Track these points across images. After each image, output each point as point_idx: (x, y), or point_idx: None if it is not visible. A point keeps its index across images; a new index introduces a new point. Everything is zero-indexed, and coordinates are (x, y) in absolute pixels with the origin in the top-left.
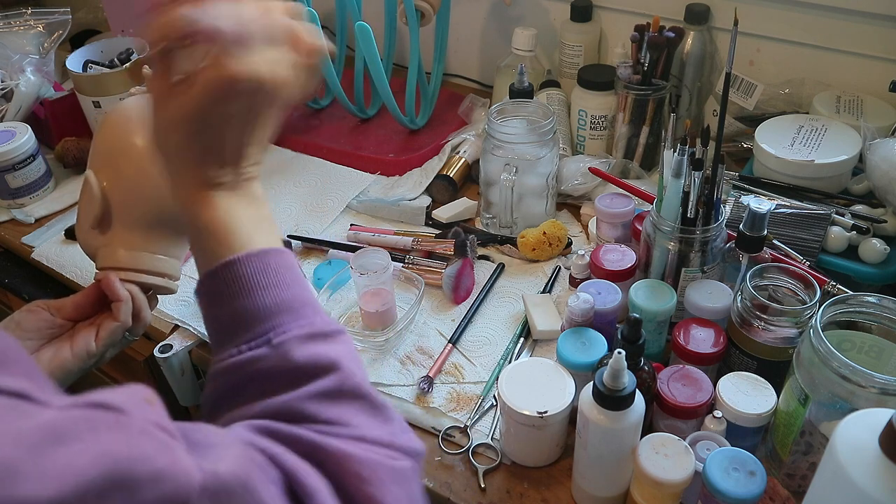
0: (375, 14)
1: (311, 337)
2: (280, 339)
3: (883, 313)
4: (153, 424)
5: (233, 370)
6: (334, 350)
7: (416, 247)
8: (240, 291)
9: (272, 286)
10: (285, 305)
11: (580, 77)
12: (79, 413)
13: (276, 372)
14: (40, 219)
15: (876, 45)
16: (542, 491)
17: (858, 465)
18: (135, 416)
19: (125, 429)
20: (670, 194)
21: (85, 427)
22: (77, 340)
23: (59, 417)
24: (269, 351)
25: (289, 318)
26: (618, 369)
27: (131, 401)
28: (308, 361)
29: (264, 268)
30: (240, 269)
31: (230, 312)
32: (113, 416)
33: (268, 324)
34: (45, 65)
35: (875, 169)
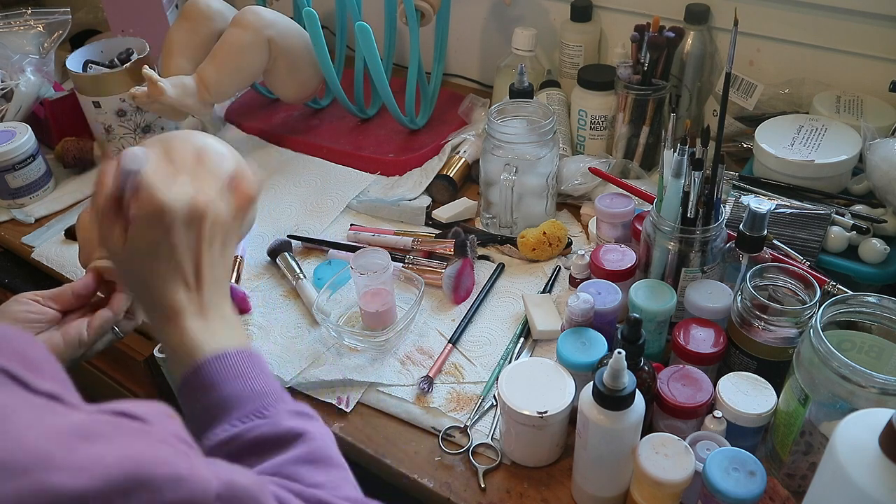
0: (375, 14)
1: (298, 413)
2: (271, 412)
3: (883, 313)
4: (173, 436)
5: (228, 441)
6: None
7: (416, 247)
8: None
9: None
10: (269, 391)
11: (580, 77)
12: (106, 418)
13: (268, 438)
14: (40, 219)
15: (876, 45)
16: (542, 491)
17: (858, 465)
18: (156, 426)
19: (147, 436)
20: (670, 194)
21: (111, 430)
22: (69, 328)
23: (89, 419)
24: (263, 421)
25: (274, 400)
26: (618, 369)
27: (154, 413)
28: (297, 428)
29: (244, 361)
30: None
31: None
32: (137, 424)
33: (258, 402)
34: (45, 65)
35: (875, 169)
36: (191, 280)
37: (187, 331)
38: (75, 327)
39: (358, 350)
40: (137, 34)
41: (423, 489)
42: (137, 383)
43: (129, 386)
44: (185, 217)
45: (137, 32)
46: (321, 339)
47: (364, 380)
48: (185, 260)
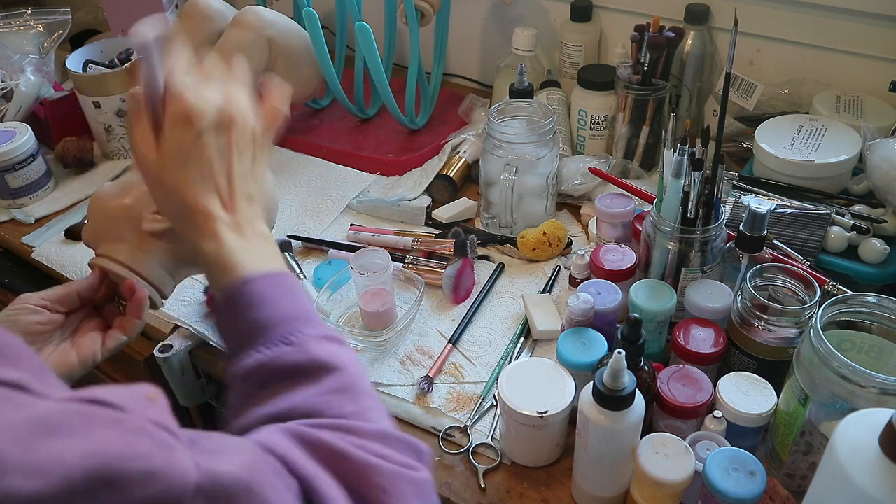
0: (375, 14)
1: (327, 338)
2: (299, 338)
3: (883, 313)
4: (151, 422)
5: (256, 368)
6: (346, 353)
7: (416, 247)
8: (257, 303)
9: (286, 299)
10: (298, 315)
11: (580, 77)
12: (75, 407)
13: (297, 366)
14: (40, 219)
15: (876, 45)
16: (542, 491)
17: (858, 465)
18: (133, 413)
19: (121, 425)
20: (670, 194)
21: (79, 421)
22: (83, 348)
23: (54, 410)
24: (290, 349)
25: (303, 325)
26: (618, 369)
27: (131, 398)
28: (324, 357)
29: (278, 284)
30: (255, 286)
31: (248, 322)
32: (110, 413)
33: (285, 328)
34: (45, 65)
35: (875, 169)
36: (223, 188)
37: (222, 241)
38: (89, 347)
39: (358, 350)
40: None
41: None
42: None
43: None
44: (215, 121)
45: None
46: None
47: None
48: (217, 166)
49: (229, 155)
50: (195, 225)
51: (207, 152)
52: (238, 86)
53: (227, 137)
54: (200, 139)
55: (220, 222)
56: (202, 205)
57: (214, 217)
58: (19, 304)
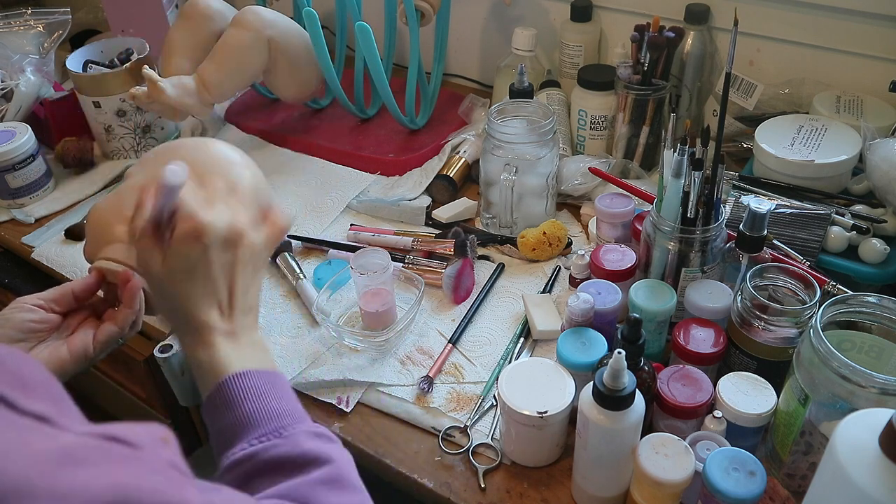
0: (375, 14)
1: (317, 435)
2: (290, 432)
3: (883, 313)
4: (166, 463)
5: (245, 460)
6: (335, 449)
7: (416, 247)
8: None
9: (277, 397)
10: (290, 412)
11: (580, 77)
12: (95, 442)
13: (288, 458)
14: (40, 219)
15: (876, 45)
16: (542, 491)
17: (858, 465)
18: (148, 452)
19: (138, 462)
20: (670, 194)
21: (99, 455)
22: (74, 343)
23: (78, 443)
24: (280, 441)
25: (295, 421)
26: (618, 369)
27: (147, 438)
28: (315, 450)
29: (269, 382)
30: (247, 380)
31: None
32: (128, 450)
33: (278, 422)
34: (45, 65)
35: (875, 169)
36: (224, 301)
37: (216, 349)
38: (81, 340)
39: (358, 350)
40: (137, 34)
41: (423, 489)
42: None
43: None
44: (224, 238)
45: (137, 32)
46: (321, 339)
47: (364, 380)
48: (220, 281)
49: (233, 270)
50: (192, 333)
51: (213, 269)
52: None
53: (234, 253)
54: (207, 255)
55: (217, 333)
56: (203, 317)
57: (212, 328)
58: (14, 304)
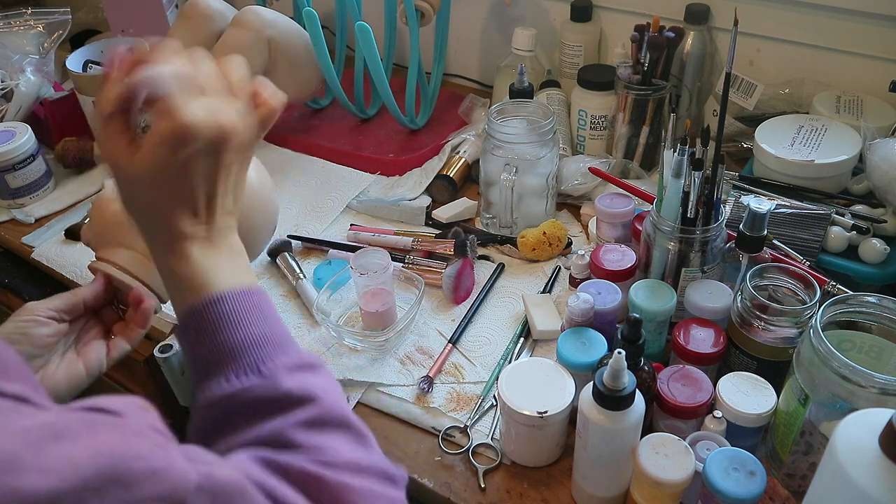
0: (375, 14)
1: (299, 367)
2: (269, 367)
3: (883, 313)
4: (149, 427)
5: (223, 401)
6: (319, 381)
7: (416, 247)
8: (224, 325)
9: (257, 321)
10: (270, 338)
11: (580, 77)
12: (77, 414)
13: (266, 400)
14: (40, 219)
15: (876, 45)
16: (542, 491)
17: (858, 465)
18: (132, 418)
19: (123, 429)
20: (670, 194)
21: (83, 426)
22: (90, 359)
23: (59, 418)
24: (258, 380)
25: (274, 350)
26: (618, 369)
27: (128, 406)
28: (296, 390)
29: (248, 304)
30: (224, 305)
31: (215, 345)
32: (111, 418)
33: (255, 354)
34: (45, 65)
35: (875, 169)
36: (201, 209)
37: (190, 260)
38: (96, 357)
39: (358, 350)
40: (137, 34)
41: (423, 489)
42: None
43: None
44: (208, 143)
45: (137, 32)
46: (321, 339)
47: (364, 380)
48: (200, 188)
49: (216, 175)
50: (163, 241)
51: (192, 178)
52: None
53: (217, 157)
54: (188, 165)
55: (192, 240)
56: (176, 225)
57: (185, 236)
58: (28, 316)
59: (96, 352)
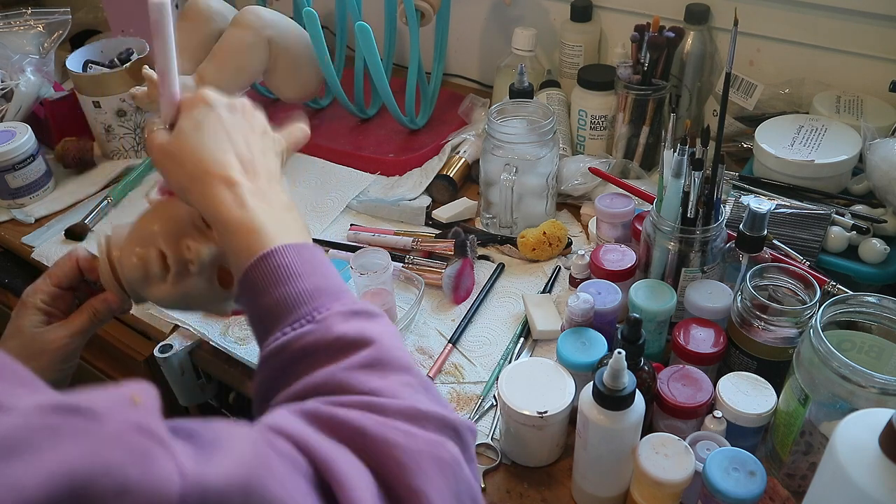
0: (375, 14)
1: (354, 314)
2: (323, 314)
3: (883, 313)
4: (132, 427)
5: (279, 351)
6: (377, 327)
7: (416, 247)
8: (281, 280)
9: (311, 274)
10: (325, 290)
11: (580, 77)
12: (42, 420)
13: (321, 345)
14: (40, 219)
15: (876, 45)
16: (542, 491)
17: (858, 465)
18: (110, 419)
19: (94, 436)
20: (670, 194)
21: (44, 436)
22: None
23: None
24: (313, 327)
25: (330, 300)
26: (618, 369)
27: (111, 402)
28: (350, 333)
29: (301, 258)
30: (278, 259)
31: (273, 301)
32: (82, 422)
33: (310, 305)
34: (45, 65)
35: (875, 169)
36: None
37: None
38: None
39: None
40: (137, 34)
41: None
42: None
43: None
44: (227, 101)
45: (137, 32)
46: None
47: None
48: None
49: (246, 130)
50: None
51: (224, 122)
52: None
53: (242, 115)
54: (214, 111)
55: (243, 188)
56: (222, 169)
57: (236, 182)
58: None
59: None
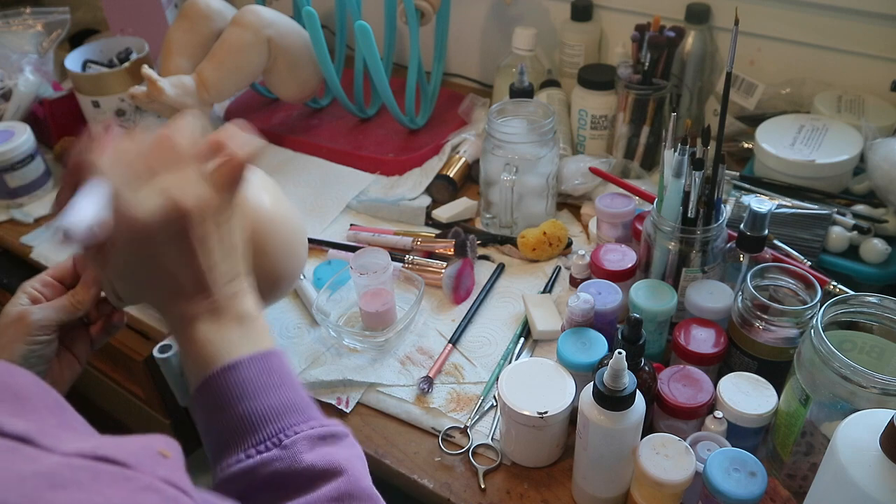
0: (375, 14)
1: (321, 438)
2: (291, 438)
3: (884, 313)
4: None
5: (242, 476)
6: (343, 452)
7: (416, 247)
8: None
9: (277, 387)
10: (291, 407)
11: (580, 77)
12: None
13: (288, 476)
14: (39, 218)
15: (877, 45)
16: (542, 491)
17: (859, 465)
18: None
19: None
20: (671, 194)
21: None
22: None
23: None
24: (280, 453)
25: (296, 419)
26: (618, 369)
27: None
28: (319, 464)
29: (264, 369)
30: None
31: (234, 417)
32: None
33: (276, 425)
34: (44, 64)
35: (876, 169)
36: (190, 290)
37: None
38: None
39: (358, 350)
40: (136, 34)
41: (423, 490)
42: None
43: (129, 386)
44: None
45: (136, 32)
46: (321, 339)
47: (364, 380)
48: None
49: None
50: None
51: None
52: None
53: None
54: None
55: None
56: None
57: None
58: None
59: (84, 343)
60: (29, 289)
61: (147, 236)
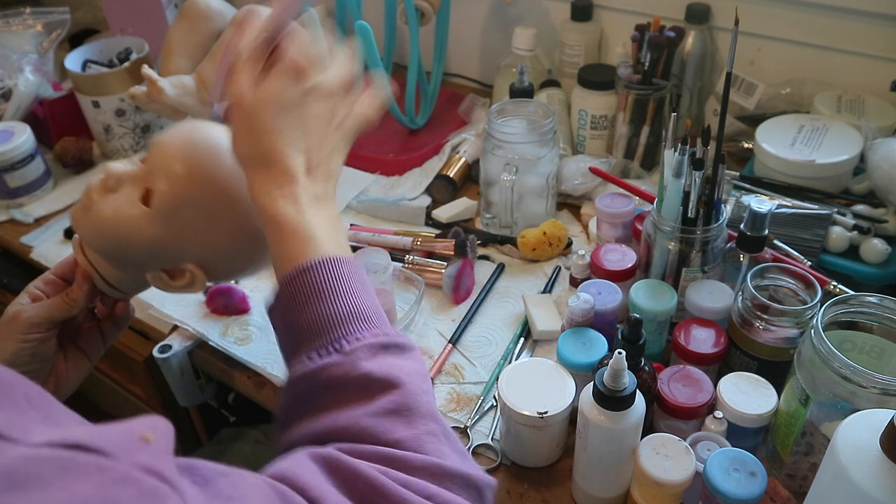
0: (375, 14)
1: (385, 347)
2: (353, 346)
3: (884, 313)
4: (141, 468)
5: (305, 379)
6: (405, 365)
7: (416, 247)
8: (314, 297)
9: (346, 293)
10: (357, 314)
11: (580, 77)
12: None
13: (346, 381)
14: (39, 218)
15: (877, 45)
16: (542, 491)
17: (859, 465)
18: (119, 459)
19: (103, 474)
20: (671, 194)
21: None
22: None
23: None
24: (339, 358)
25: (362, 326)
26: (618, 369)
27: (122, 440)
28: (377, 373)
29: (338, 274)
30: (317, 273)
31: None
32: (91, 460)
33: (339, 330)
34: (44, 64)
35: (876, 169)
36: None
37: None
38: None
39: None
40: (136, 34)
41: None
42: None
43: (129, 386)
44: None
45: (136, 32)
46: None
47: None
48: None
49: (326, 126)
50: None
51: (309, 111)
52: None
53: (331, 107)
54: (306, 98)
55: (302, 188)
56: (287, 162)
57: (297, 180)
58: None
59: (94, 339)
60: (32, 288)
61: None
